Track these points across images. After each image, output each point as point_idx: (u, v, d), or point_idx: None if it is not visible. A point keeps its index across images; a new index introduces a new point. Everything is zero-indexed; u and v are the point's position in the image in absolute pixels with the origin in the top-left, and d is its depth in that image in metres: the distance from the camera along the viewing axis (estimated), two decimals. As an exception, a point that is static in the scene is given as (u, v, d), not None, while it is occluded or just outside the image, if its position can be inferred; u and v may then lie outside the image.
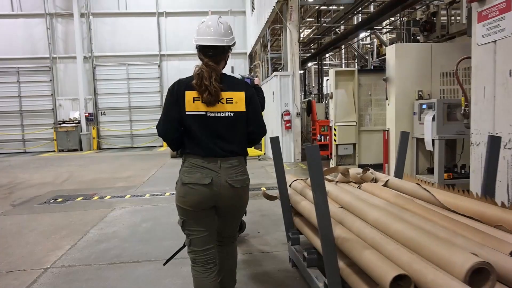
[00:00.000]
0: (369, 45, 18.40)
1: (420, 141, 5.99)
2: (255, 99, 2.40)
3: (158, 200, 6.65)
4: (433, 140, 5.48)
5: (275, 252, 4.00)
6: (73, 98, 18.29)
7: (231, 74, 3.80)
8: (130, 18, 18.61)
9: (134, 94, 18.75)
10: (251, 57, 19.72)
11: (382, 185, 3.55)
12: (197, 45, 2.33)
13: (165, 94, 12.66)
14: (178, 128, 2.31)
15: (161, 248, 4.23)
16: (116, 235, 4.77)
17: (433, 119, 5.45)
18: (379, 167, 9.29)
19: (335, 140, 8.87)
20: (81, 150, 17.57)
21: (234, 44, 2.41)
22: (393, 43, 14.86)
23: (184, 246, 2.71)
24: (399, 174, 3.88)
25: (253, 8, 17.23)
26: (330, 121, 9.08)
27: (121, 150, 17.77)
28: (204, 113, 2.24)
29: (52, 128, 17.91)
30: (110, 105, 18.70)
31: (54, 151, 17.66)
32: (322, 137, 11.13)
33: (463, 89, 4.02)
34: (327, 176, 4.12)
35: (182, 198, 2.29)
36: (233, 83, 2.35)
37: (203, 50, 2.32)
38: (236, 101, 2.29)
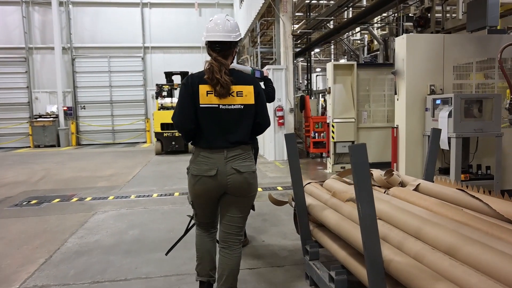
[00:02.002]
0: (359, 41, 18.06)
1: (432, 140, 5.55)
2: (262, 93, 2.54)
3: (145, 202, 6.02)
4: (449, 138, 5.04)
5: (287, 267, 3.46)
6: (50, 91, 17.30)
7: (241, 67, 3.47)
8: (112, 8, 17.73)
9: (116, 87, 17.88)
10: (239, 51, 19.12)
11: (413, 190, 3.07)
12: (206, 41, 2.45)
13: (149, 87, 12.19)
14: (194, 119, 2.40)
15: (153, 262, 3.64)
16: (99, 245, 4.15)
17: (449, 115, 5.01)
18: (378, 166, 8.84)
19: (333, 138, 8.39)
20: (59, 146, 16.62)
21: (241, 40, 2.54)
22: (384, 39, 14.57)
23: (184, 235, 3.09)
24: (429, 176, 3.40)
25: (242, 0, 16.62)
26: (328, 117, 8.60)
27: (102, 146, 16.93)
28: (217, 105, 2.37)
29: (27, 122, 16.89)
30: (91, 98, 17.79)
31: (29, 146, 16.65)
32: (316, 134, 10.66)
33: (508, 81, 3.57)
34: (345, 179, 3.62)
35: (193, 186, 2.46)
36: (242, 78, 2.46)
37: (212, 46, 2.44)
38: (246, 94, 2.42)
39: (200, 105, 2.35)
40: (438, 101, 5.30)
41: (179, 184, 7.39)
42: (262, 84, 3.90)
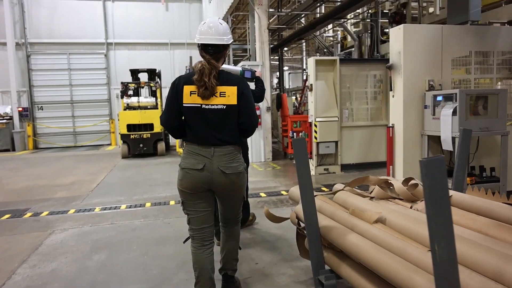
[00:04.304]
0: (332, 38, 17.76)
1: (432, 139, 5.12)
2: (248, 93, 2.55)
3: (112, 216, 5.25)
4: (453, 138, 4.60)
5: (292, 299, 2.86)
6: (3, 90, 15.88)
7: (230, 68, 3.31)
8: (72, 1, 16.49)
9: (77, 86, 16.67)
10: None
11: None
12: (199, 44, 2.54)
13: (113, 86, 11.46)
14: (178, 117, 2.55)
15: (125, 298, 2.94)
16: (56, 276, 3.38)
17: (454, 113, 4.57)
18: (361, 167, 8.48)
19: (315, 138, 7.88)
20: (14, 150, 15.25)
21: (232, 42, 2.64)
22: (359, 36, 14.24)
23: None
24: (459, 186, 2.90)
25: (211, -5, 15.88)
26: (310, 116, 8.08)
27: (62, 149, 15.70)
28: (200, 105, 2.47)
29: (-23, 125, 15.43)
30: (49, 98, 16.49)
31: (-20, 151, 15.23)
32: (295, 133, 10.13)
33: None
34: (357, 189, 3.06)
35: (180, 181, 2.53)
36: (228, 79, 2.52)
37: (205, 48, 2.53)
38: (229, 95, 2.48)
39: (184, 105, 2.48)
40: (439, 98, 4.85)
41: (150, 192, 6.63)
42: (252, 84, 3.48)
